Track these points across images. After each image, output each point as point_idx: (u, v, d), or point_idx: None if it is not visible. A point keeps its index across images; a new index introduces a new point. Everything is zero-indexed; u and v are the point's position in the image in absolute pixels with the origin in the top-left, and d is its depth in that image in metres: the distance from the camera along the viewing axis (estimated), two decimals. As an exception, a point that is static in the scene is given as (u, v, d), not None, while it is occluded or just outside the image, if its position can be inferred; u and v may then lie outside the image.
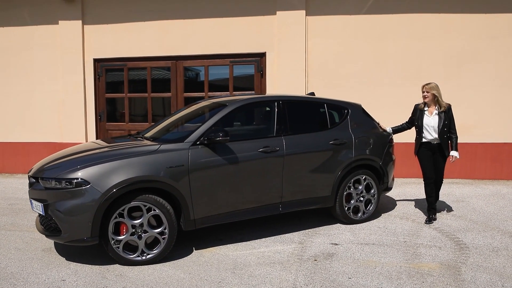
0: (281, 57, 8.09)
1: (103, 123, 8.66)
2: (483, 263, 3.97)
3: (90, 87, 8.55)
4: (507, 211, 5.75)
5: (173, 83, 8.49)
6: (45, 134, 8.59)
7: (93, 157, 4.01)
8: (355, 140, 5.13)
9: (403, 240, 4.64)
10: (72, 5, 8.38)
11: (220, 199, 4.29)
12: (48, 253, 4.29)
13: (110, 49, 8.46)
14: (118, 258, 3.93)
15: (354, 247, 4.42)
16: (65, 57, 8.48)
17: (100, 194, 3.74)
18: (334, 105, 5.26)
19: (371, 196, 5.30)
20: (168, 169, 4.01)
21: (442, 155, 5.30)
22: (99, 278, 3.68)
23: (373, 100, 7.68)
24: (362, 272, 3.77)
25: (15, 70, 8.68)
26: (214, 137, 4.16)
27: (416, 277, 3.68)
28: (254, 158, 4.44)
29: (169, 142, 4.26)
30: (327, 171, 4.92)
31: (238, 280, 3.64)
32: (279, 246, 4.46)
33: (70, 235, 3.80)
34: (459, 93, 7.77)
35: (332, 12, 7.97)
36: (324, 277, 3.68)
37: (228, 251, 4.32)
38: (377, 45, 7.92)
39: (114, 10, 8.38)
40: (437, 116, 5.27)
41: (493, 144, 7.81)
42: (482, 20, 7.64)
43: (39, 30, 8.54)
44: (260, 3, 8.08)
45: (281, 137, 4.66)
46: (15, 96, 8.70)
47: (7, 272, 3.83)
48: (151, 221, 3.99)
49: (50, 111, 8.62)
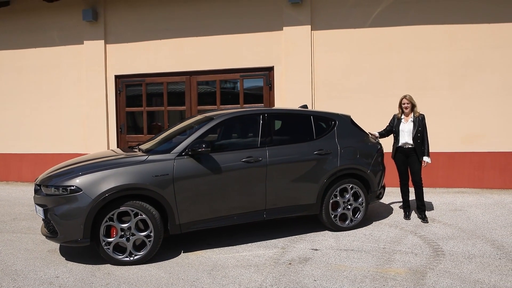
0: (288, 70, 8.40)
1: (123, 135, 9.27)
2: (452, 269, 4.07)
3: (112, 102, 9.21)
4: (501, 220, 5.73)
5: (187, 97, 8.98)
6: (71, 146, 9.30)
7: (87, 167, 4.48)
8: (341, 150, 5.34)
9: (383, 246, 4.79)
10: (95, 26, 9.10)
11: (204, 205, 4.64)
12: (51, 254, 4.78)
13: (130, 66, 9.09)
14: (108, 258, 4.35)
15: (332, 252, 4.63)
16: (89, 74, 9.19)
17: (91, 200, 4.19)
18: (321, 117, 5.50)
19: (359, 204, 5.47)
20: (154, 177, 4.41)
21: (416, 158, 5.76)
22: (89, 276, 4.11)
23: (378, 112, 7.81)
24: (329, 276, 3.98)
25: (46, 87, 9.49)
26: (197, 148, 4.54)
27: (379, 281, 3.85)
28: (237, 168, 4.77)
29: (158, 153, 4.66)
30: (312, 180, 5.15)
31: (211, 280, 3.96)
32: (261, 251, 4.73)
33: (65, 236, 4.26)
34: (465, 103, 7.78)
35: (337, 26, 8.21)
36: (291, 279, 3.93)
37: (212, 255, 4.65)
38: (381, 57, 8.07)
39: (133, 30, 9.02)
40: (412, 123, 5.75)
41: (501, 153, 7.73)
42: (487, 30, 7.63)
43: (66, 50, 9.32)
44: (268, 20, 8.45)
45: (265, 148, 4.96)
46: (46, 111, 9.50)
47: (12, 269, 4.34)
48: (139, 225, 4.39)
49: (76, 124, 9.34)
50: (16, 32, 9.58)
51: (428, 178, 7.99)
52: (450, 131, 7.86)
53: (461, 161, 7.90)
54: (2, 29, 9.66)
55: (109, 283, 3.93)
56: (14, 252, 4.88)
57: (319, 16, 8.24)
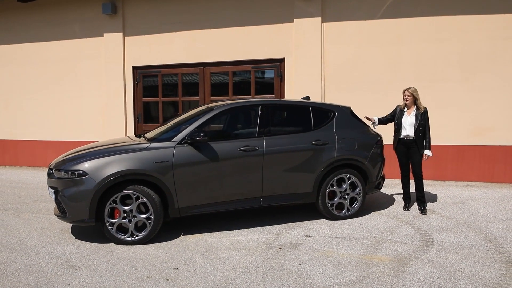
0: (298, 62, 8.53)
1: (140, 124, 9.65)
2: (436, 259, 4.18)
3: (129, 92, 9.59)
4: (502, 214, 5.75)
5: (201, 88, 9.25)
6: (91, 134, 9.76)
7: (94, 153, 4.81)
8: (339, 141, 5.48)
9: (375, 235, 4.93)
10: (114, 19, 9.47)
11: (202, 191, 4.90)
12: (63, 232, 5.17)
13: (147, 57, 9.43)
14: (112, 238, 4.68)
15: (323, 239, 4.81)
16: (108, 66, 9.59)
17: (96, 183, 4.52)
18: (320, 108, 5.64)
19: (356, 194, 5.60)
20: (154, 164, 4.70)
21: (416, 150, 5.79)
22: (93, 253, 4.45)
23: (387, 103, 7.77)
24: (314, 260, 4.18)
25: (68, 78, 9.97)
26: (195, 137, 4.79)
27: (361, 267, 4.01)
28: (234, 156, 5.00)
29: (160, 141, 4.94)
30: (308, 169, 5.32)
31: (203, 260, 4.22)
32: (256, 236, 4.96)
33: (73, 216, 4.62)
34: (475, 95, 7.72)
35: (347, 18, 8.26)
36: (277, 262, 4.15)
37: (209, 238, 4.91)
38: (391, 49, 8.08)
39: (149, 23, 9.34)
40: (414, 116, 5.79)
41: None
42: (499, 20, 7.52)
43: (87, 43, 9.75)
44: (279, 12, 8.58)
45: (263, 138, 5.16)
46: (68, 101, 9.99)
47: (27, 244, 4.74)
48: (141, 208, 4.70)
49: (95, 114, 9.79)
50: (41, 26, 10.07)
51: (436, 171, 8.03)
52: (459, 123, 7.82)
53: (471, 154, 7.86)
54: (29, 23, 10.17)
55: (109, 259, 4.26)
56: (31, 230, 5.30)
57: (330, 8, 8.31)
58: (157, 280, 3.78)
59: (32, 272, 3.97)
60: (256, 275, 3.86)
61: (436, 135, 7.75)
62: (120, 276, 3.87)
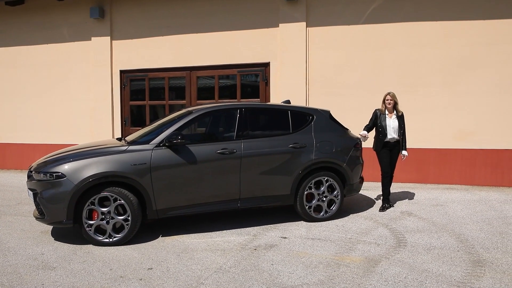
0: (283, 66, 8.63)
1: (128, 128, 9.71)
2: (406, 259, 4.27)
3: (117, 96, 9.66)
4: (477, 216, 5.85)
5: (188, 91, 9.34)
6: (79, 137, 9.78)
7: (73, 155, 4.88)
8: (317, 144, 5.57)
9: (350, 237, 5.01)
10: (102, 23, 9.55)
11: (179, 193, 4.97)
12: (43, 234, 5.22)
13: (134, 61, 9.51)
14: (90, 239, 4.74)
15: (298, 241, 4.88)
16: (96, 69, 9.66)
17: (73, 185, 4.58)
18: (298, 111, 5.74)
19: (334, 196, 5.69)
20: (132, 166, 4.77)
21: (397, 152, 6.22)
22: (70, 254, 4.51)
23: (371, 107, 7.88)
24: (286, 261, 4.25)
25: (56, 81, 10.03)
26: (173, 140, 4.87)
27: (332, 267, 4.09)
28: (212, 159, 5.08)
29: (138, 144, 5.02)
30: (286, 171, 5.41)
31: (178, 260, 4.29)
32: (233, 237, 5.03)
33: (51, 218, 4.67)
34: (458, 99, 7.85)
35: (331, 23, 8.38)
36: (250, 262, 4.22)
37: (186, 239, 4.98)
38: (375, 54, 8.20)
39: (137, 27, 9.43)
40: (396, 119, 6.07)
41: (493, 150, 7.77)
42: (481, 26, 7.66)
43: (75, 46, 9.82)
44: (264, 17, 8.70)
45: (241, 141, 5.25)
46: (56, 104, 10.04)
47: (6, 246, 4.79)
48: (119, 209, 4.76)
49: (83, 117, 9.84)
50: (30, 29, 10.13)
51: (419, 174, 8.14)
52: (442, 127, 7.94)
53: (453, 158, 7.97)
54: (17, 26, 10.23)
55: (86, 260, 4.32)
56: (11, 232, 5.34)
57: (314, 13, 8.43)
58: (130, 280, 3.85)
59: (7, 273, 4.02)
60: (228, 275, 3.93)
61: (419, 138, 7.89)
62: (94, 276, 3.93)
